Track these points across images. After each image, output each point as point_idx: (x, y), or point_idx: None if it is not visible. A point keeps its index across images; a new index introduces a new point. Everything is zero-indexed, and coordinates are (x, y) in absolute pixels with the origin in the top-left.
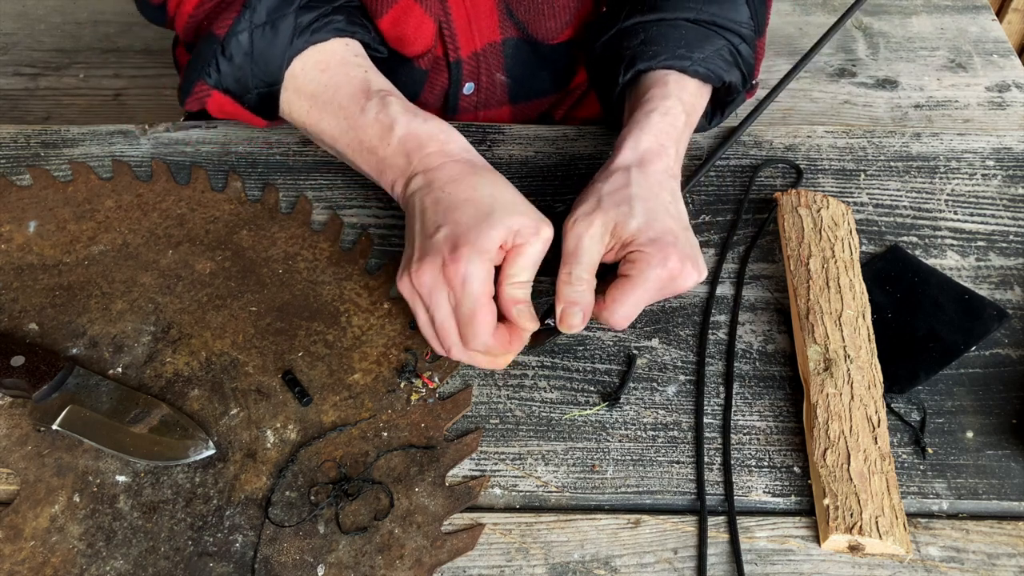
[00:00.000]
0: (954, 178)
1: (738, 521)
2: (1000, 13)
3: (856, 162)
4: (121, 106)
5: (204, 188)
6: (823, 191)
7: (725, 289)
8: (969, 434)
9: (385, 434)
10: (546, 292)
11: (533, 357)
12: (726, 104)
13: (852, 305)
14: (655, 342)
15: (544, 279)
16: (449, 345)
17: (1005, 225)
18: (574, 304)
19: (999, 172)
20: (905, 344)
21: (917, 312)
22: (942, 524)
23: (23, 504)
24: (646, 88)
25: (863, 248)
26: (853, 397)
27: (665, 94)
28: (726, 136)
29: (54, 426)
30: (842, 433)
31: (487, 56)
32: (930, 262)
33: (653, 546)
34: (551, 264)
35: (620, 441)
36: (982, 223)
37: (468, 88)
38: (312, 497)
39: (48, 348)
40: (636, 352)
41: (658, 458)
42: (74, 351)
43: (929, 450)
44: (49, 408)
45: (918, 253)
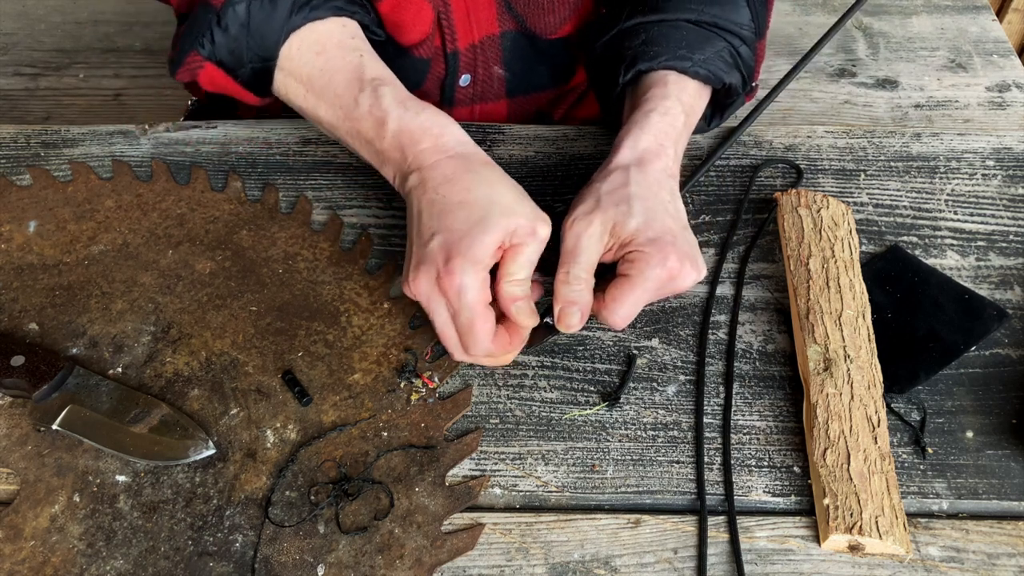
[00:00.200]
0: (954, 178)
1: (738, 521)
2: (1000, 13)
3: (856, 162)
4: (121, 106)
5: (204, 188)
6: (823, 191)
7: (725, 289)
8: (969, 434)
9: (385, 434)
10: (545, 292)
11: (533, 357)
12: (725, 106)
13: (852, 305)
14: (655, 342)
15: (543, 279)
16: (451, 349)
17: (1005, 225)
18: (572, 304)
19: (999, 172)
20: (905, 344)
21: (917, 312)
22: (942, 524)
23: (23, 504)
24: (646, 88)
25: (863, 248)
26: (853, 397)
27: (665, 94)
28: (726, 136)
29: (54, 426)
30: (842, 433)
31: (485, 49)
32: (930, 262)
33: (653, 546)
34: (550, 263)
35: (620, 441)
36: (982, 223)
37: (464, 80)
38: (312, 497)
39: (48, 348)
40: (636, 352)
41: (658, 458)
42: (74, 351)
43: (929, 450)
44: (49, 408)
45: (918, 253)
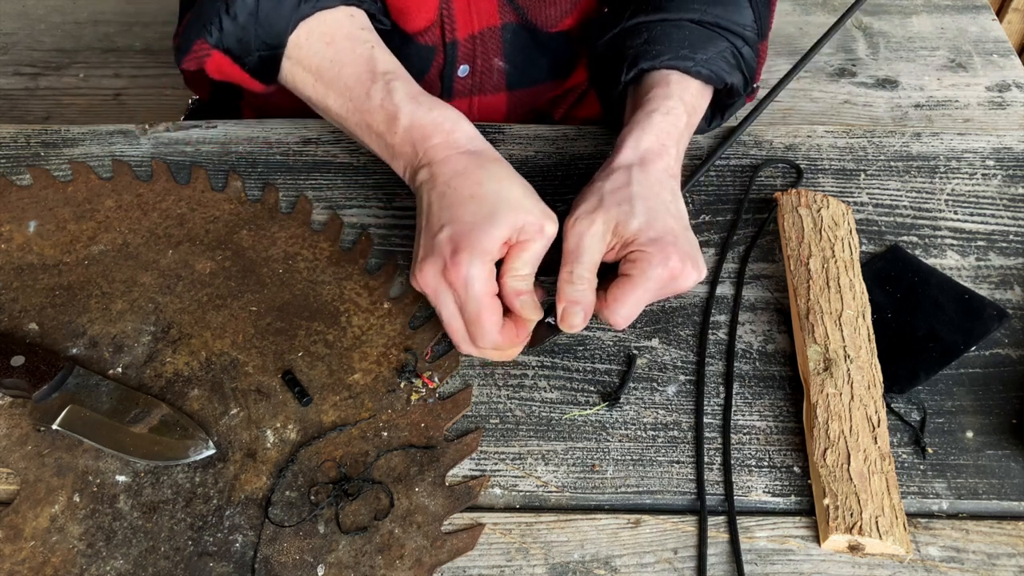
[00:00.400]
0: (954, 178)
1: (738, 521)
2: (1000, 13)
3: (856, 162)
4: (121, 106)
5: (204, 188)
6: (823, 191)
7: (725, 289)
8: (969, 434)
9: (385, 434)
10: (547, 291)
11: (533, 357)
12: (726, 107)
13: (852, 305)
14: (655, 342)
15: (546, 279)
16: (458, 342)
17: (1005, 225)
18: (575, 303)
19: (999, 172)
20: (905, 344)
21: (917, 312)
22: (942, 524)
23: (23, 504)
24: (648, 88)
25: (863, 248)
26: (853, 397)
27: (667, 94)
28: (726, 136)
29: (54, 426)
30: (842, 433)
31: (485, 40)
32: (930, 262)
33: (653, 546)
34: (552, 263)
35: (620, 441)
36: (982, 223)
37: (463, 71)
38: (312, 497)
39: (48, 348)
40: (636, 352)
41: (658, 458)
42: (74, 351)
43: (929, 450)
44: (49, 408)
45: (918, 253)
